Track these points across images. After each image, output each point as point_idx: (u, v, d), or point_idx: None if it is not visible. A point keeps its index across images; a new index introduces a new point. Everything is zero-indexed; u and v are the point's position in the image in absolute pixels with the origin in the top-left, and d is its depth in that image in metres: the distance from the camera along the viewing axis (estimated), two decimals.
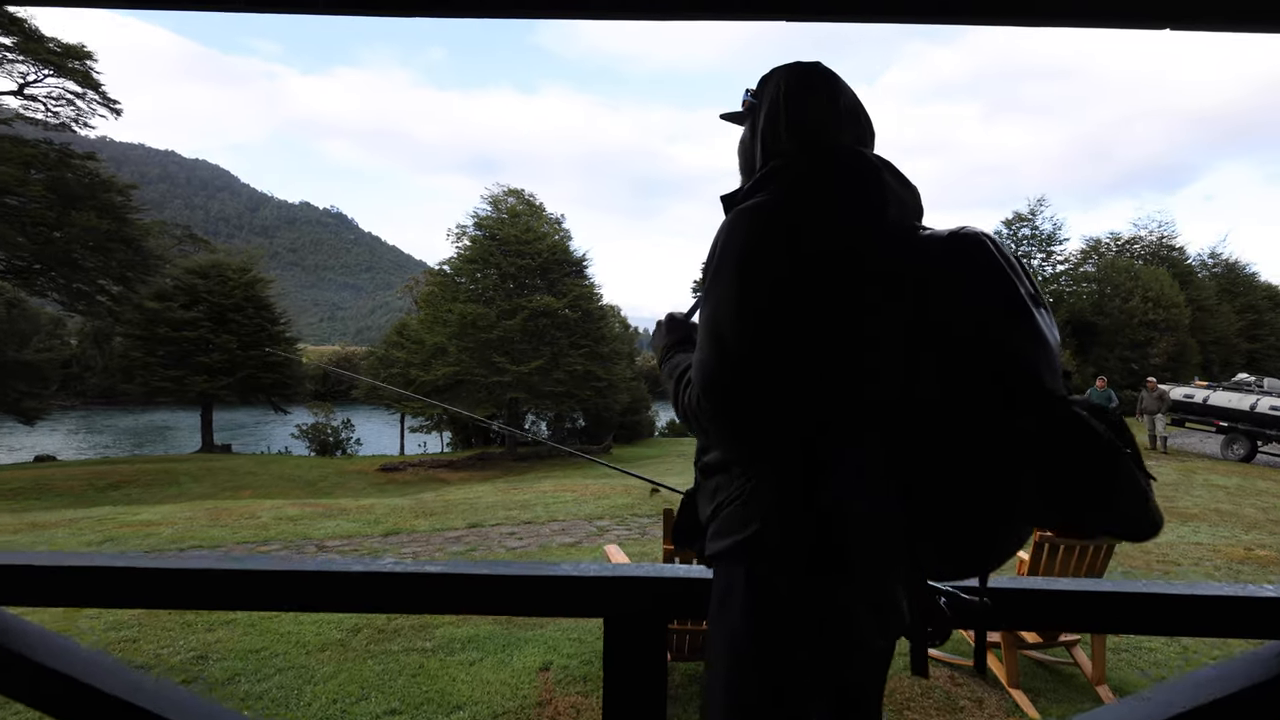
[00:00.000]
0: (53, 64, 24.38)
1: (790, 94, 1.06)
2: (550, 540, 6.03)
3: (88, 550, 5.14)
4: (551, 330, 26.83)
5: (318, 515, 6.69)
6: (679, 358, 1.11)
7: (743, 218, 0.94)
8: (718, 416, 0.92)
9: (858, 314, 0.91)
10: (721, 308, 0.92)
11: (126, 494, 18.87)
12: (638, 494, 8.83)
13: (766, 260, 0.91)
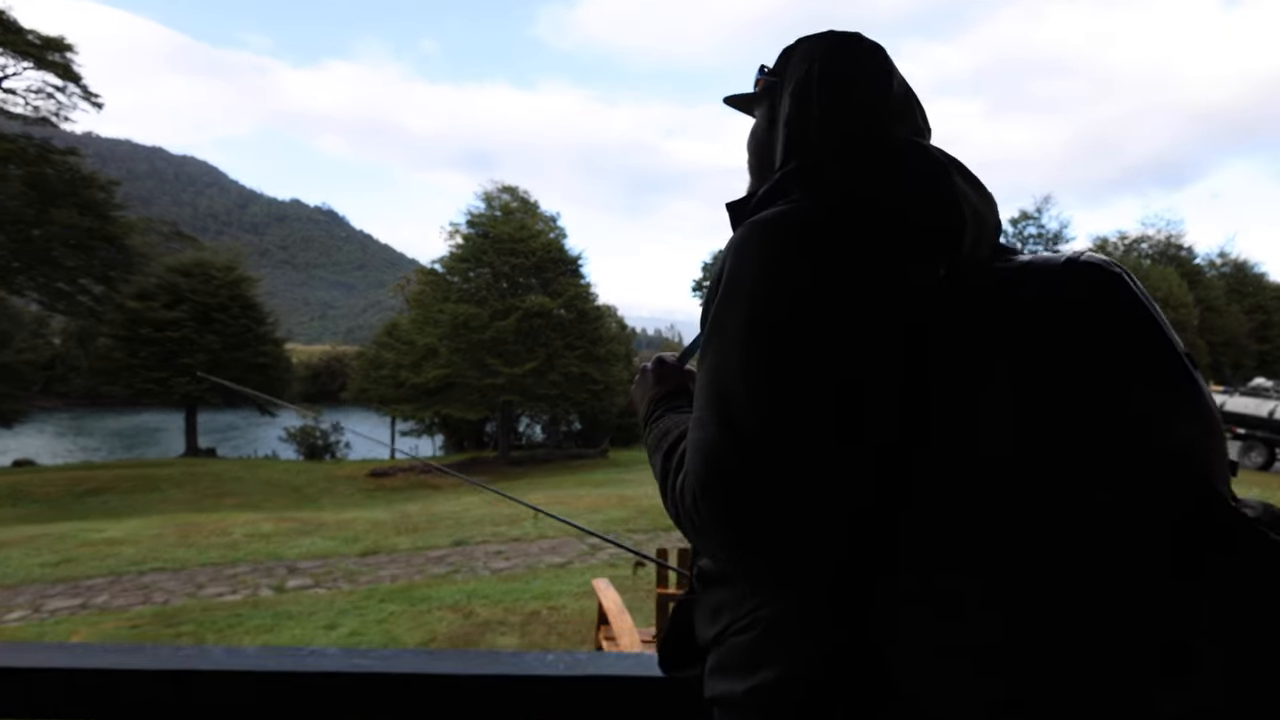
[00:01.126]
0: (32, 56, 23.77)
1: (827, 71, 0.78)
2: (539, 561, 5.69)
3: (41, 570, 4.77)
4: (546, 331, 26.45)
5: (293, 532, 6.32)
6: (668, 421, 0.82)
7: (759, 234, 0.67)
8: (723, 521, 0.62)
9: (925, 378, 0.62)
10: (729, 362, 0.64)
11: (104, 501, 18.35)
12: (632, 506, 8.52)
13: (792, 296, 0.63)
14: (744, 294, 0.65)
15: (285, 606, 3.95)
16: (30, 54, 23.68)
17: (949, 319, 0.63)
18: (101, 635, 3.36)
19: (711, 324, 0.68)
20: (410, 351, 26.32)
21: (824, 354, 0.61)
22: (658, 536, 6.96)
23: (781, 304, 0.63)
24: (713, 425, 0.63)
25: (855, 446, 0.61)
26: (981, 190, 0.73)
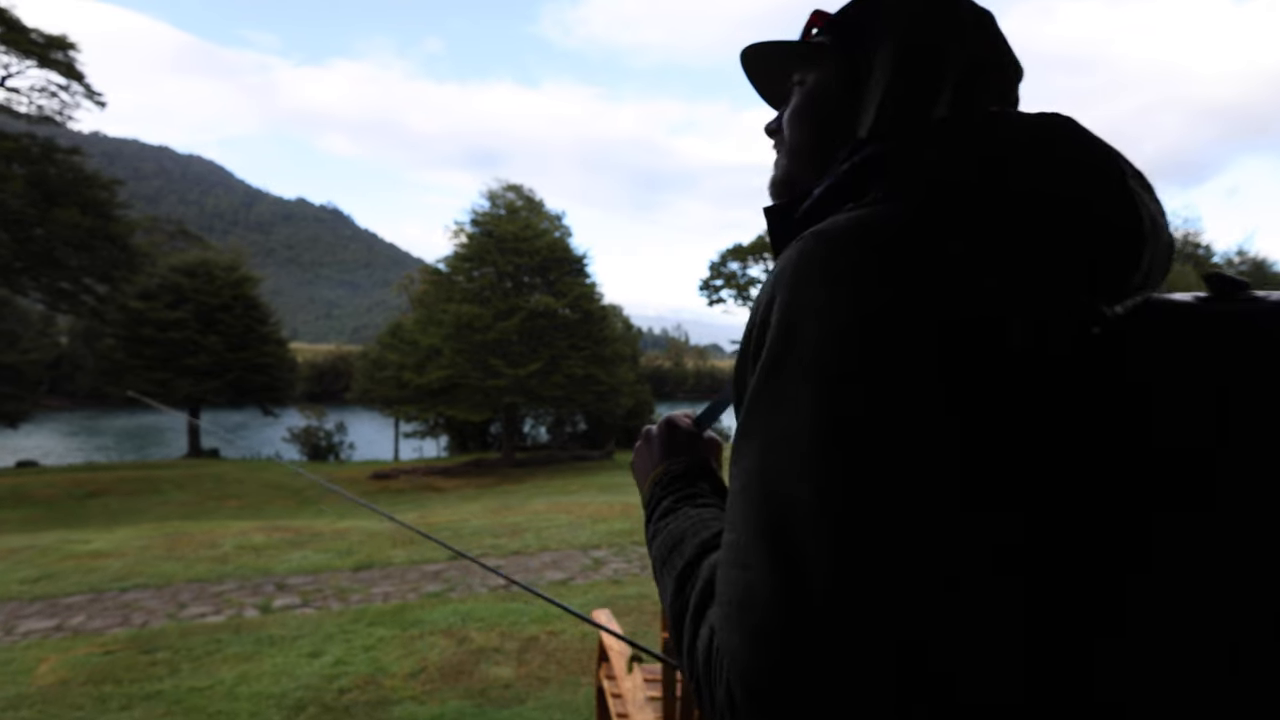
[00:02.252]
0: (35, 55, 23.73)
1: (923, 22, 0.53)
2: (540, 576, 5.47)
3: (20, 587, 4.57)
4: (550, 332, 26.25)
5: (285, 544, 6.12)
6: (682, 520, 0.56)
7: (828, 255, 0.42)
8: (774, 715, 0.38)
9: (1088, 471, 0.39)
10: (786, 454, 0.39)
11: (105, 504, 18.26)
12: (636, 516, 8.28)
13: (892, 351, 0.39)
14: (810, 347, 0.40)
15: (269, 630, 3.74)
16: (34, 52, 23.64)
17: (1159, 382, 0.40)
18: (72, 662, 3.16)
19: (757, 391, 0.42)
20: (413, 352, 26.18)
21: (948, 445, 0.37)
22: None
23: (875, 364, 0.38)
24: (761, 563, 0.38)
25: (1005, 601, 0.36)
26: (1153, 192, 0.48)
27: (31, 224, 23.84)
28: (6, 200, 23.40)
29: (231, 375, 29.77)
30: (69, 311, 29.32)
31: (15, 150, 23.23)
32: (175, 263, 30.29)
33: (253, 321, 31.12)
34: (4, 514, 16.65)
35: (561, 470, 28.59)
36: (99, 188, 26.18)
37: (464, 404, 26.22)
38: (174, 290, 29.00)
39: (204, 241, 44.35)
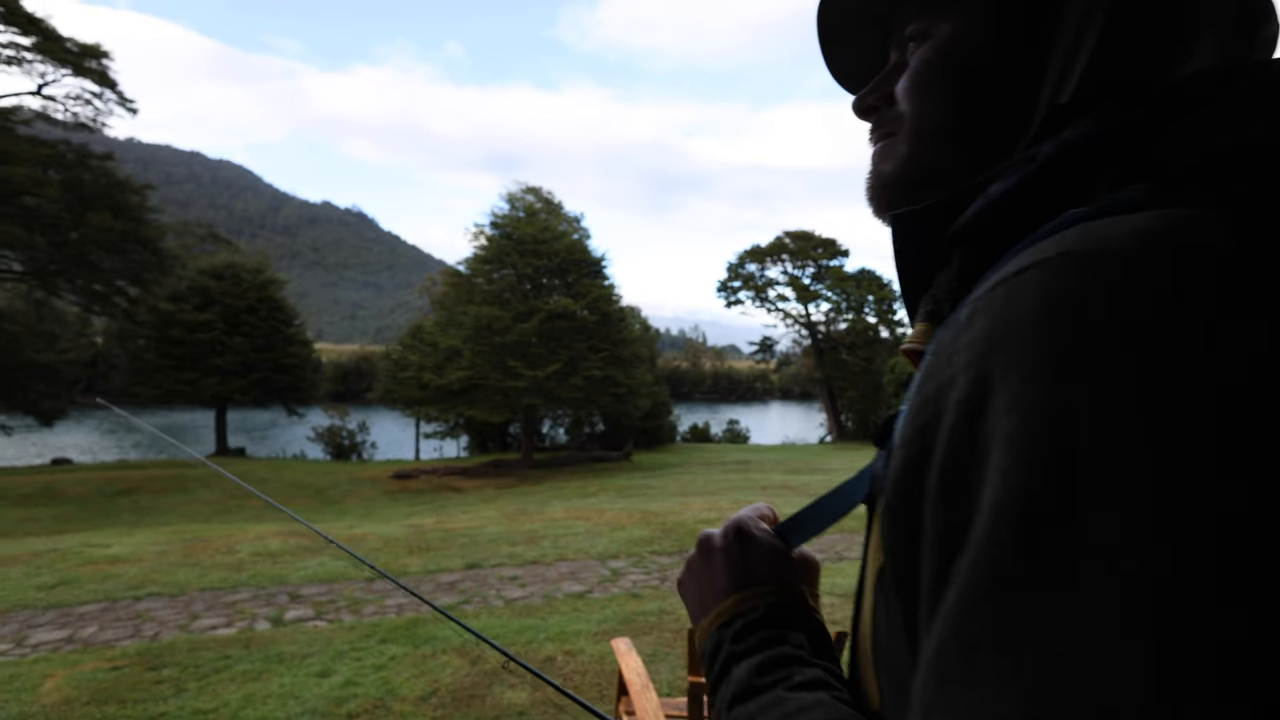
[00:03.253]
0: (70, 63, 24.37)
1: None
2: (556, 588, 5.31)
3: (36, 594, 4.54)
4: (569, 333, 26.19)
5: (301, 550, 6.04)
6: (775, 713, 0.37)
7: (1134, 290, 0.23)
8: None
9: None
10: (1098, 599, 0.21)
11: (135, 502, 18.64)
12: (655, 524, 8.10)
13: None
14: (1140, 466, 0.21)
15: (279, 645, 3.62)
16: (69, 61, 24.28)
17: None
18: (77, 679, 3.06)
19: (1001, 552, 0.23)
20: (434, 353, 26.30)
21: None
22: (680, 561, 6.54)
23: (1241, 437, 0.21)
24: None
25: None
26: None
27: (67, 228, 24.48)
28: (43, 205, 24.06)
29: (257, 375, 30.26)
30: (102, 313, 30.09)
31: (51, 156, 23.86)
32: (203, 265, 30.90)
33: (278, 323, 31.61)
34: (37, 511, 17.07)
35: (580, 471, 28.50)
36: (131, 192, 26.79)
37: (483, 405, 26.29)
38: (202, 292, 29.57)
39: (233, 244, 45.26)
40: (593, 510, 9.34)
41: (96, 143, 28.11)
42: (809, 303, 53.08)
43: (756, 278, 55.60)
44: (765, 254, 54.51)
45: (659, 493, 18.79)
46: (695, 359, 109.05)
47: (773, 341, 57.37)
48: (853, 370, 49.13)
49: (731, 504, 10.89)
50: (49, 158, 23.72)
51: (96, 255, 25.41)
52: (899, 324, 50.47)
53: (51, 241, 24.51)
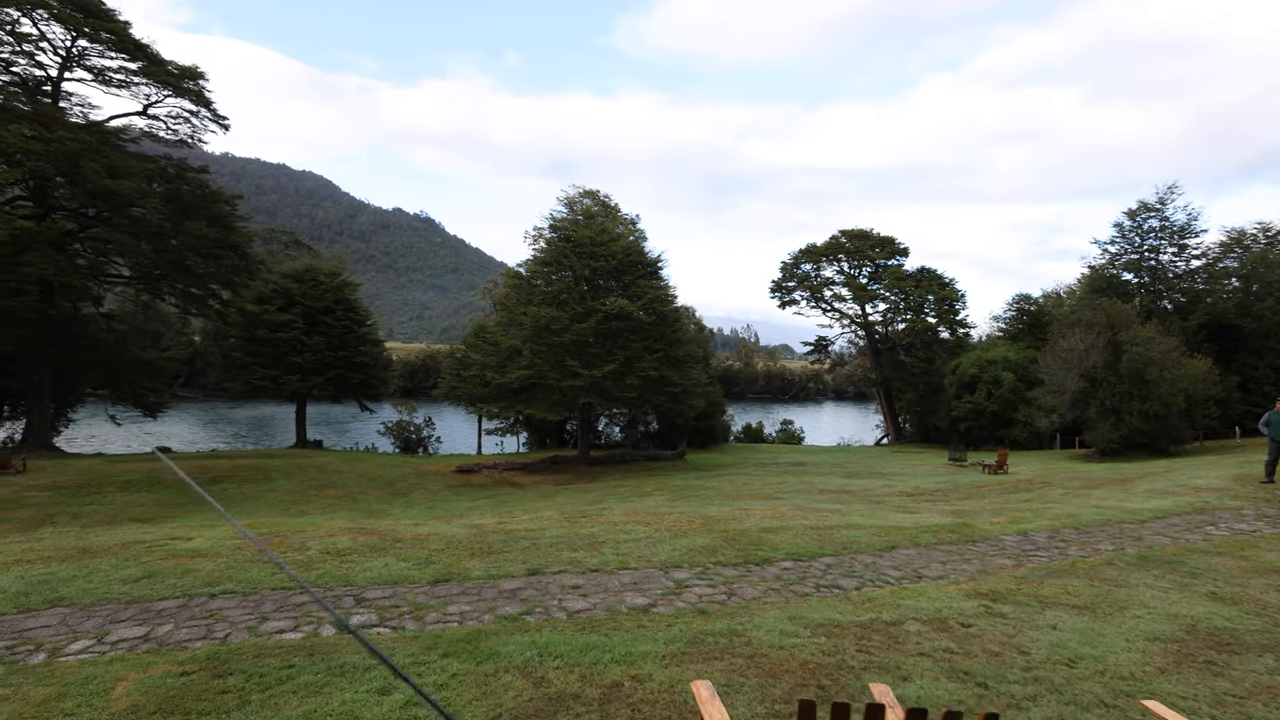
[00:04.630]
0: (171, 85, 26.31)
1: None
2: (620, 600, 5.07)
3: (121, 588, 4.70)
4: (625, 334, 26.08)
5: (369, 549, 6.07)
6: None
7: None
8: None
9: None
10: None
11: (223, 490, 19.88)
12: (717, 531, 7.75)
13: None
14: None
15: (342, 655, 3.54)
16: (170, 83, 26.22)
17: None
18: (147, 684, 3.05)
19: None
20: (495, 352, 26.79)
21: None
22: (749, 572, 6.17)
23: None
24: None
25: None
26: None
27: (168, 235, 26.47)
28: (148, 215, 26.10)
29: (333, 372, 31.81)
30: (199, 314, 32.45)
31: (154, 170, 25.84)
32: (286, 269, 32.72)
33: (352, 323, 33.11)
34: (140, 496, 18.46)
35: (635, 470, 28.43)
36: (223, 202, 28.67)
37: (542, 403, 26.59)
38: (284, 294, 31.32)
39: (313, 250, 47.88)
40: (652, 514, 9.07)
41: (194, 157, 30.31)
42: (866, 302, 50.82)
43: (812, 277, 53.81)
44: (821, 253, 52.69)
45: (715, 494, 18.36)
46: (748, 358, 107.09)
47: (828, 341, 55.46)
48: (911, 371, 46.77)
49: (793, 510, 10.38)
50: (153, 172, 25.69)
51: (193, 260, 27.36)
52: (961, 324, 47.66)
53: (155, 248, 26.56)
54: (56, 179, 24.05)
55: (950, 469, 26.07)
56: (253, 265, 29.70)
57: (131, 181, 24.13)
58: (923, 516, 9.64)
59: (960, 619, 4.87)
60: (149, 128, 27.57)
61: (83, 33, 24.02)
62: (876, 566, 6.47)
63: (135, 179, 24.47)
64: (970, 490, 15.79)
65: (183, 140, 28.48)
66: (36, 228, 22.29)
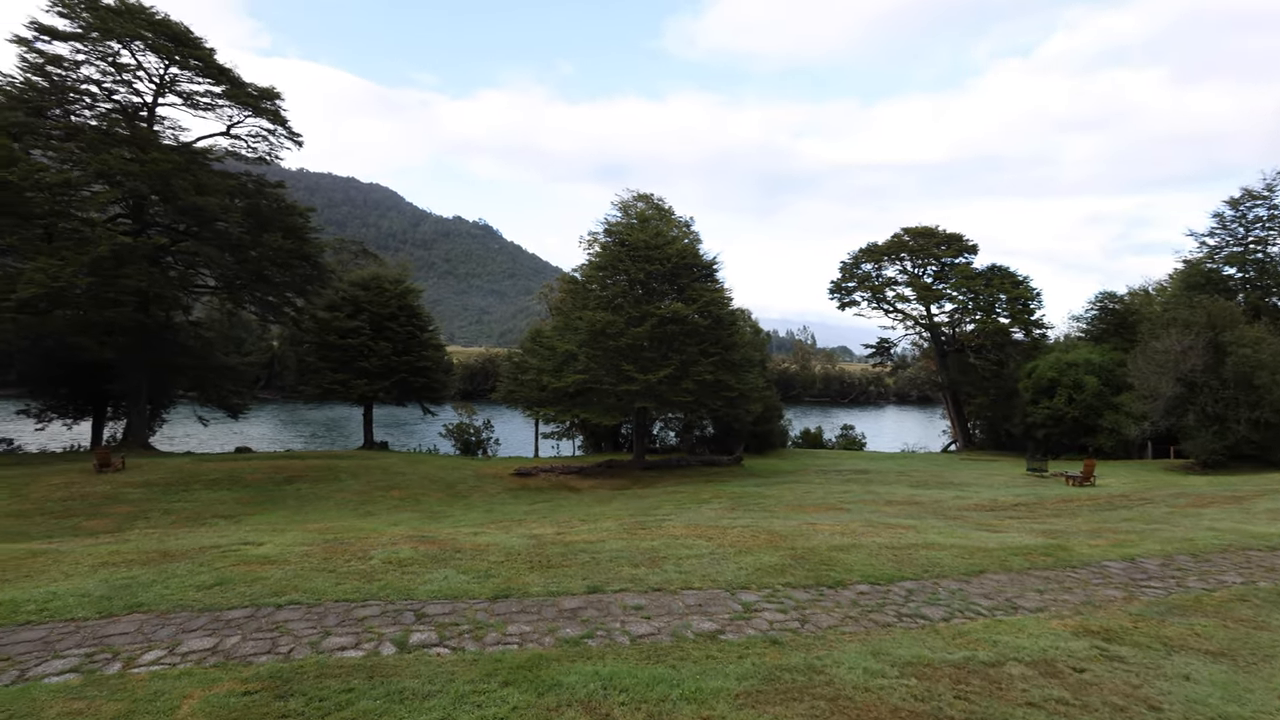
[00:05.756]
0: (250, 105, 27.98)
1: None
2: (685, 624, 4.78)
3: (195, 595, 4.79)
4: (680, 338, 25.76)
5: (429, 560, 6.03)
6: None
7: None
8: None
9: None
10: None
11: (297, 489, 20.81)
12: (784, 549, 7.34)
13: None
14: None
15: (401, 678, 3.42)
16: (249, 104, 27.90)
17: None
18: (212, 703, 3.01)
19: None
20: (552, 357, 27.02)
21: None
22: (822, 595, 5.75)
23: None
24: None
25: None
26: None
27: (248, 247, 28.13)
28: (230, 229, 27.84)
29: (397, 376, 32.98)
30: (275, 321, 34.37)
31: (236, 186, 27.52)
32: (354, 278, 34.17)
33: (415, 328, 34.25)
34: (223, 494, 19.55)
35: (691, 475, 28.04)
36: (297, 215, 30.23)
37: (597, 407, 26.62)
38: (352, 302, 32.71)
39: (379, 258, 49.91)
40: (714, 528, 8.73)
41: (273, 174, 32.15)
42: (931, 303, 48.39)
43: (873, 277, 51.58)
44: (882, 252, 50.48)
45: (775, 503, 17.76)
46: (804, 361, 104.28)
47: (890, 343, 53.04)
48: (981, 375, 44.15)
49: (864, 525, 9.79)
50: (234, 188, 27.38)
51: (271, 270, 28.98)
52: (1036, 324, 44.53)
53: (237, 259, 28.28)
54: (151, 197, 25.93)
55: (1029, 480, 24.38)
56: (324, 274, 31.19)
57: (216, 197, 25.75)
58: (1009, 536, 8.88)
59: (1071, 662, 4.32)
60: (231, 147, 29.44)
61: (174, 60, 25.83)
62: (964, 594, 5.91)
63: (219, 195, 26.12)
64: (1057, 505, 14.60)
65: (261, 157, 30.24)
66: (134, 243, 24.10)
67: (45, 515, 15.30)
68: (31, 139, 23.53)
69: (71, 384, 28.67)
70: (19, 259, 22.30)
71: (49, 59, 24.07)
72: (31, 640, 3.94)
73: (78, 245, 22.23)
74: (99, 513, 15.88)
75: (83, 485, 17.90)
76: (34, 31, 23.79)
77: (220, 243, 27.86)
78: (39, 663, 3.64)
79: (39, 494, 16.68)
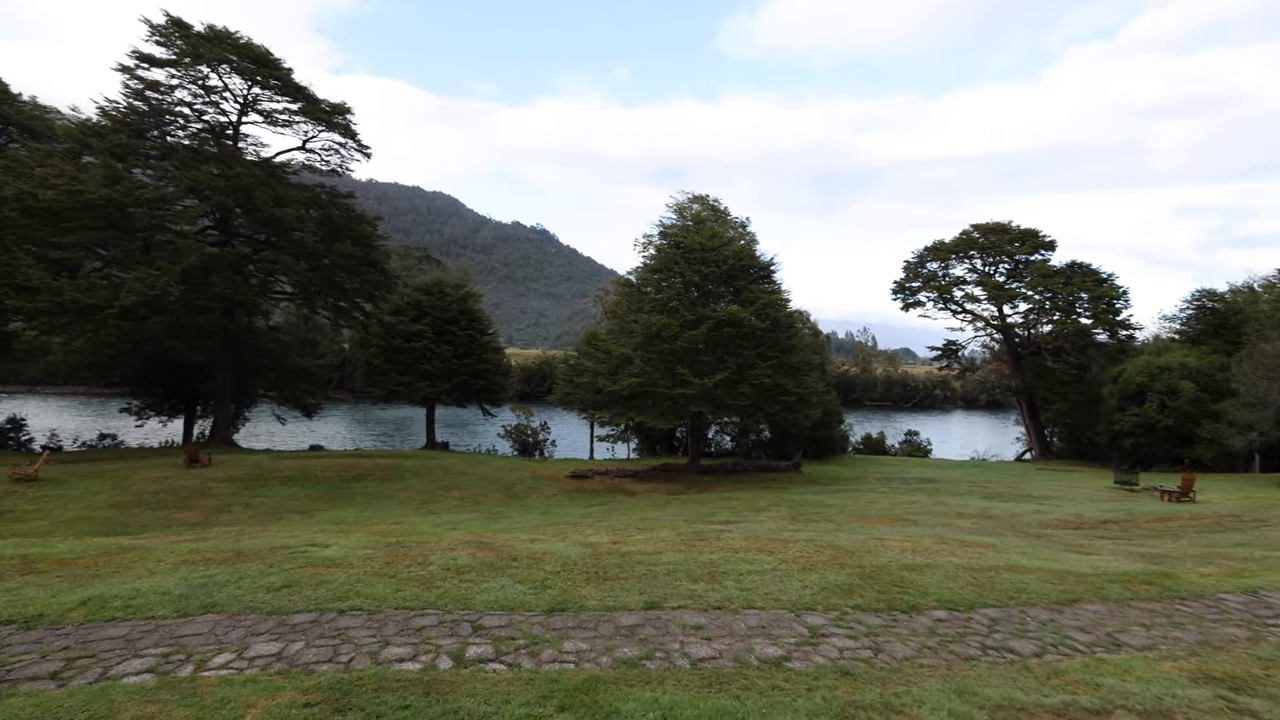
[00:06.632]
0: (324, 120, 29.49)
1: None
2: (748, 648, 4.53)
3: (265, 597, 4.91)
4: (737, 340, 25.29)
5: (487, 568, 6.02)
6: None
7: None
8: None
9: None
10: None
11: (364, 487, 21.68)
12: (851, 567, 6.93)
13: None
14: None
15: (458, 696, 3.35)
16: (323, 119, 29.42)
17: None
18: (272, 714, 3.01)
19: None
20: (607, 360, 27.10)
21: None
22: (895, 621, 5.36)
23: None
24: None
25: None
26: None
27: (321, 255, 29.67)
28: (305, 238, 29.43)
29: (458, 379, 33.95)
30: (346, 325, 36.12)
31: (310, 198, 29.08)
32: (417, 283, 35.44)
33: (475, 332, 35.18)
34: (296, 490, 20.58)
35: (747, 481, 27.48)
36: (366, 224, 31.65)
37: (652, 411, 26.48)
38: (416, 306, 33.91)
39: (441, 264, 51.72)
40: (775, 541, 8.39)
41: (345, 185, 33.83)
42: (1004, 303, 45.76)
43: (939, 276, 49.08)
44: (949, 250, 47.99)
45: (837, 512, 17.08)
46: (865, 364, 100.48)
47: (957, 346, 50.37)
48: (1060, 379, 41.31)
49: (936, 542, 9.19)
50: (309, 199, 28.93)
51: (341, 277, 30.47)
52: (1123, 325, 41.19)
53: (311, 267, 29.88)
54: (235, 210, 27.71)
55: (1117, 494, 22.53)
56: (390, 280, 32.52)
57: (293, 209, 27.26)
58: (1102, 559, 8.12)
59: (1191, 714, 3.81)
60: (307, 160, 31.14)
61: (256, 81, 27.52)
62: (1057, 626, 5.38)
63: (296, 206, 27.64)
64: (1154, 524, 13.35)
65: (334, 170, 31.86)
66: (220, 252, 25.81)
67: (142, 507, 16.51)
68: (133, 159, 25.58)
69: (166, 384, 31.01)
70: (121, 269, 24.26)
71: (148, 84, 26.11)
72: (115, 638, 4.13)
73: (171, 256, 23.98)
74: (187, 505, 17.00)
75: (174, 480, 19.22)
76: (135, 60, 25.87)
77: (296, 251, 29.48)
78: (120, 661, 3.80)
79: (137, 487, 18.02)
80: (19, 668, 3.70)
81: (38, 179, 22.08)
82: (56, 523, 14.34)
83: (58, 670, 3.66)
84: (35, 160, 23.57)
